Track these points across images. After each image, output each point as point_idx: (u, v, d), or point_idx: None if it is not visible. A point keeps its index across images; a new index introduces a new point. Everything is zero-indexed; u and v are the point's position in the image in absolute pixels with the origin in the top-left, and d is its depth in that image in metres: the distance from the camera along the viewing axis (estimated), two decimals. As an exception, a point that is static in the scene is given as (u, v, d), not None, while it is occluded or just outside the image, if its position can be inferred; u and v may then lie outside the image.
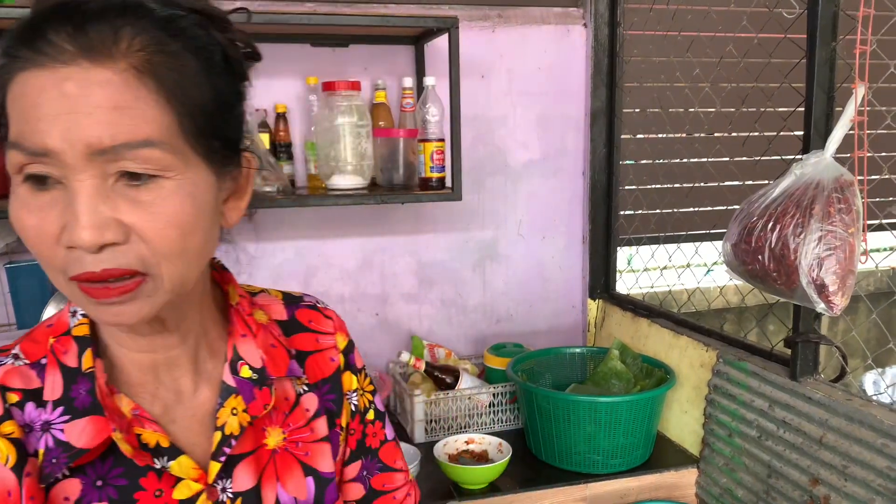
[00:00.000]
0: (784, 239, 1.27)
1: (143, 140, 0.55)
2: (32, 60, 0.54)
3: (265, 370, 0.71)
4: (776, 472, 1.47)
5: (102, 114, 0.53)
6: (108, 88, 0.53)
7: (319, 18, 1.66)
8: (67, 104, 0.53)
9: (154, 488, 0.64)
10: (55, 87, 0.53)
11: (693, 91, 1.85)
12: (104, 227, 0.54)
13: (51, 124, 0.53)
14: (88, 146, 0.53)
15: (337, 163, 1.78)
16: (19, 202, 0.56)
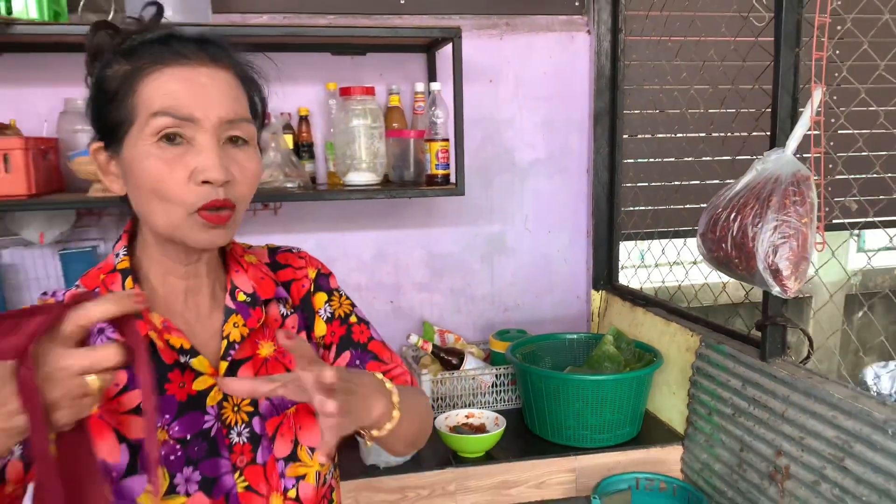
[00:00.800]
0: (744, 228, 1.40)
1: (245, 117, 0.83)
2: (171, 61, 0.79)
3: (256, 294, 0.93)
4: (747, 446, 1.59)
5: (226, 98, 0.81)
6: (227, 83, 0.82)
7: (337, 30, 1.85)
8: (204, 90, 0.79)
9: (178, 381, 0.85)
10: (193, 78, 0.79)
11: (681, 93, 1.98)
12: (226, 169, 0.80)
13: (193, 101, 0.79)
14: (220, 118, 0.80)
15: (352, 161, 1.96)
16: (155, 158, 0.78)
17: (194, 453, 0.85)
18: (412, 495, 1.69)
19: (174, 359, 0.85)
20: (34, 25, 1.67)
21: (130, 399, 0.83)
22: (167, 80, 0.79)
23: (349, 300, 1.04)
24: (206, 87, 0.80)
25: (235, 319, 0.90)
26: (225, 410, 0.88)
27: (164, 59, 0.79)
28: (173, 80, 0.79)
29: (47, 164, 1.83)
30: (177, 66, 0.79)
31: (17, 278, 2.01)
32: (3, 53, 1.92)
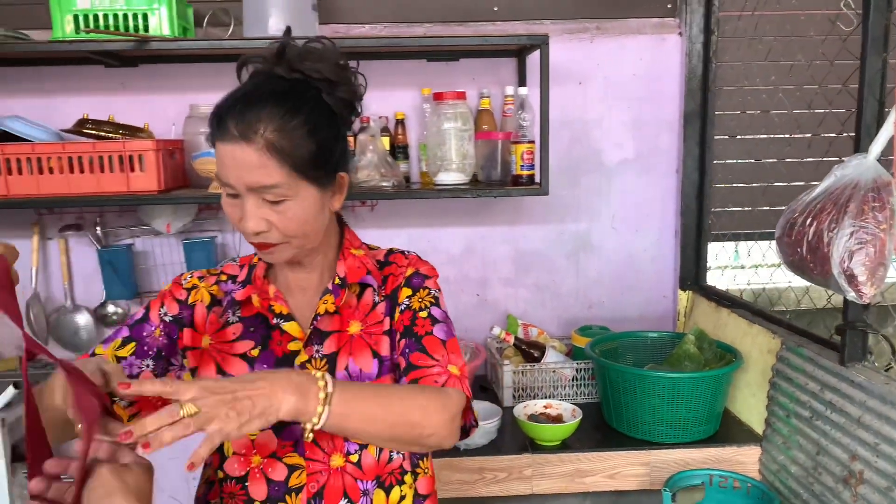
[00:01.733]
0: (819, 233, 1.41)
1: (272, 185, 0.98)
2: (221, 137, 0.98)
3: (345, 279, 1.13)
4: (823, 449, 1.59)
5: (251, 170, 0.97)
6: (253, 156, 0.96)
7: (431, 40, 1.97)
8: (236, 163, 0.97)
9: (277, 339, 1.11)
10: (228, 153, 0.97)
11: (769, 94, 1.97)
12: (258, 224, 1.00)
13: (229, 173, 0.98)
14: (246, 185, 0.98)
15: (443, 162, 2.08)
16: (226, 201, 1.02)
17: None
18: (489, 476, 1.80)
19: (275, 322, 1.10)
20: (166, 41, 1.89)
21: (237, 347, 1.11)
22: (217, 153, 1.00)
23: (433, 298, 1.14)
24: (235, 160, 0.97)
25: (327, 298, 1.11)
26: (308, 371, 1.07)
27: (215, 132, 0.99)
28: (219, 153, 0.99)
29: (174, 163, 2.06)
30: (221, 142, 0.98)
31: (147, 263, 2.27)
32: (139, 65, 2.17)
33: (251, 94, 0.99)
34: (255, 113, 0.96)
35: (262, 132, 0.96)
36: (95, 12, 1.89)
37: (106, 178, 1.91)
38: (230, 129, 0.96)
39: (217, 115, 0.99)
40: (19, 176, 1.90)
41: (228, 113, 0.97)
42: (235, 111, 0.97)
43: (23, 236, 2.23)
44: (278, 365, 1.08)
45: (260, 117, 0.96)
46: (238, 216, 1.01)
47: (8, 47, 1.87)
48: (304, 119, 0.99)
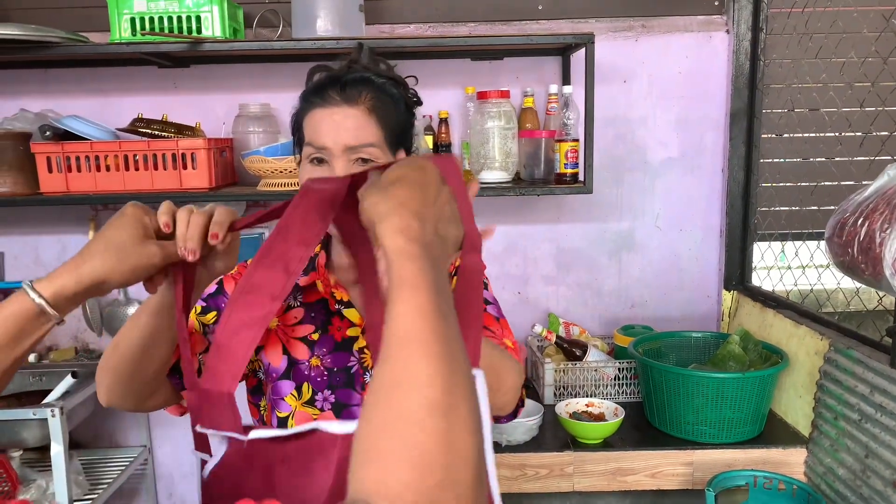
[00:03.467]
0: (871, 233, 1.39)
1: (369, 143, 1.04)
2: (318, 105, 1.05)
3: None
4: (872, 452, 1.57)
5: (351, 129, 1.03)
6: (355, 118, 1.04)
7: (475, 40, 1.98)
8: (335, 125, 1.03)
9: (338, 325, 1.14)
10: (329, 116, 1.04)
11: (819, 93, 1.94)
12: None
13: (327, 135, 1.03)
14: (345, 145, 1.03)
15: (486, 160, 2.10)
16: (305, 171, 1.06)
17: (336, 382, 1.11)
18: (531, 473, 1.81)
19: (336, 308, 1.14)
20: (218, 42, 1.95)
21: (299, 331, 1.13)
22: (313, 119, 1.05)
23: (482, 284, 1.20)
24: (339, 122, 1.04)
25: None
26: (365, 356, 1.12)
27: (314, 103, 1.05)
28: (315, 119, 1.05)
29: (224, 161, 2.12)
30: (320, 108, 1.05)
31: (197, 259, 2.33)
32: (191, 66, 2.23)
33: (346, 73, 1.07)
34: (356, 83, 1.05)
35: (363, 97, 1.05)
36: (151, 15, 1.95)
37: (159, 176, 1.97)
38: (332, 96, 1.04)
39: (315, 88, 1.06)
40: (78, 173, 1.98)
41: (329, 85, 1.05)
42: (337, 84, 1.05)
43: (79, 231, 2.32)
44: (336, 350, 1.13)
45: (362, 87, 1.05)
46: None
47: (69, 49, 1.94)
48: (395, 96, 1.09)
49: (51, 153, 1.97)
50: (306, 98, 1.08)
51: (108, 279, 0.79)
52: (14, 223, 2.33)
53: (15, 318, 0.76)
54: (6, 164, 2.00)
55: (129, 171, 1.97)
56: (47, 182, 1.99)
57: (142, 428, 2.42)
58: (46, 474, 1.98)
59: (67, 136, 2.00)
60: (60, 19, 2.14)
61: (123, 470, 2.26)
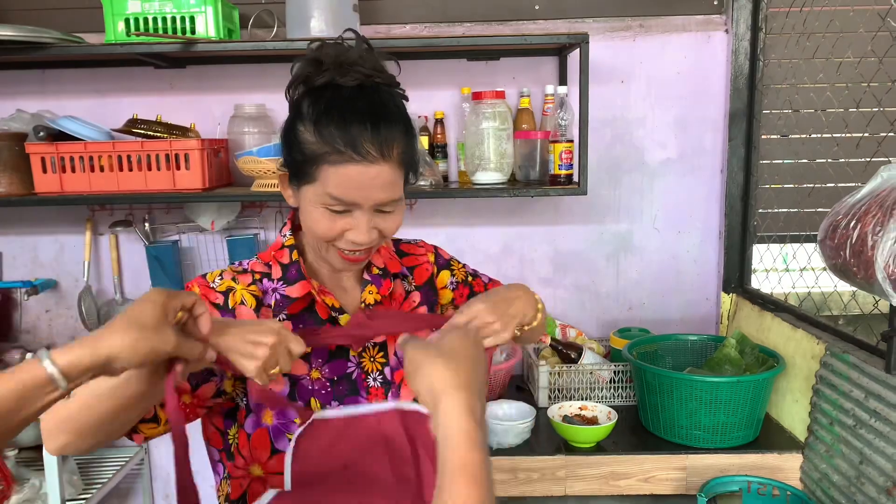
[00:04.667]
0: (863, 236, 1.37)
1: (396, 198, 1.02)
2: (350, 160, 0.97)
3: (386, 269, 1.16)
4: (867, 458, 1.54)
5: (384, 187, 1.00)
6: (389, 174, 0.99)
7: (471, 40, 1.97)
8: (370, 183, 0.98)
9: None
10: (365, 174, 0.98)
11: (817, 93, 1.92)
12: (370, 236, 1.02)
13: (358, 192, 0.99)
14: (376, 202, 1.00)
15: (481, 161, 2.08)
16: (321, 216, 1.01)
17: (340, 391, 1.07)
18: (523, 476, 1.79)
19: (328, 315, 1.09)
20: (212, 43, 1.94)
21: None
22: (343, 175, 0.98)
23: (461, 264, 1.30)
24: (372, 181, 0.98)
25: (370, 288, 1.14)
26: (363, 360, 1.10)
27: (347, 154, 0.97)
28: (347, 176, 0.98)
29: (219, 162, 2.12)
30: (353, 164, 0.97)
31: (191, 259, 2.34)
32: (187, 66, 2.23)
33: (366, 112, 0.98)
34: (387, 132, 0.98)
35: (395, 150, 0.99)
36: (146, 16, 1.95)
37: (153, 177, 1.97)
38: (369, 151, 0.97)
39: (345, 139, 0.97)
40: (73, 174, 1.98)
41: (361, 135, 0.97)
42: (368, 133, 0.97)
43: (76, 232, 2.32)
44: (332, 358, 1.08)
45: (392, 136, 0.99)
46: (338, 230, 1.01)
47: (65, 50, 1.95)
48: (411, 128, 1.04)
49: (45, 153, 1.97)
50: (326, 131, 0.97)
51: (122, 357, 0.79)
52: (12, 223, 2.34)
53: (24, 384, 0.76)
54: (1, 164, 2.00)
55: (123, 171, 1.97)
56: (42, 182, 1.99)
57: (138, 428, 2.41)
58: (41, 473, 1.98)
59: (62, 136, 2.01)
60: (57, 20, 2.14)
61: (119, 470, 2.26)
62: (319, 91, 1.00)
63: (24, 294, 2.28)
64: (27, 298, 2.32)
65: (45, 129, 2.00)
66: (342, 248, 1.04)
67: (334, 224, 1.01)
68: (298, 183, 1.03)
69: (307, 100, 1.01)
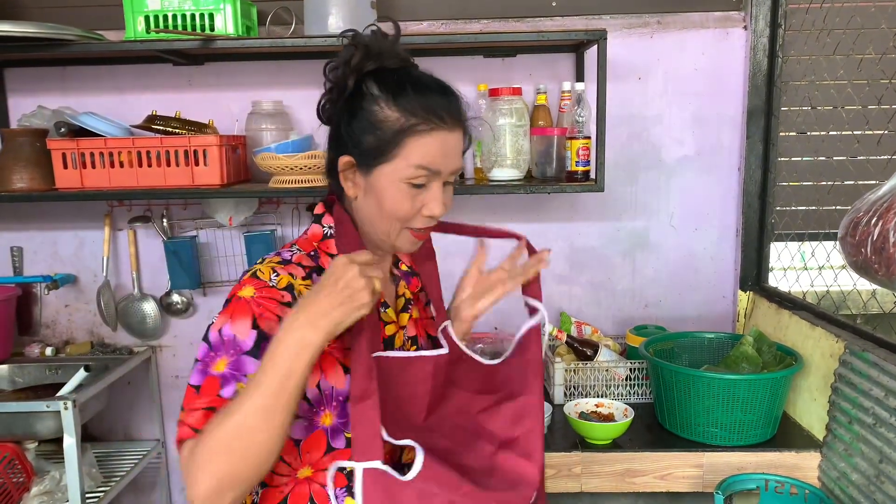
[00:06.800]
0: (885, 233, 1.36)
1: (462, 167, 1.09)
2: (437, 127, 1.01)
3: (411, 268, 1.24)
4: (886, 457, 1.53)
5: (459, 154, 1.06)
6: (461, 142, 1.07)
7: (487, 37, 1.97)
8: (451, 151, 1.04)
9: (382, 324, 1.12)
10: (447, 141, 1.03)
11: (837, 90, 1.90)
12: (445, 207, 1.07)
13: (446, 160, 1.03)
14: (454, 170, 1.06)
15: (497, 157, 2.08)
16: (401, 193, 1.03)
17: None
18: (538, 473, 1.79)
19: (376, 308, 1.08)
20: (231, 40, 1.96)
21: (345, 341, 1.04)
22: (431, 143, 1.01)
23: None
24: (453, 147, 1.04)
25: (403, 283, 1.21)
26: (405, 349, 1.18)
27: (433, 122, 1.01)
28: (435, 143, 1.02)
29: (236, 158, 2.13)
30: (439, 130, 1.02)
31: (209, 254, 2.36)
32: (206, 63, 2.25)
33: (434, 84, 1.05)
34: (455, 100, 1.05)
35: (464, 117, 1.07)
36: (165, 13, 1.97)
37: (172, 172, 1.99)
38: (450, 117, 1.02)
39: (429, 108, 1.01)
40: (93, 169, 2.00)
41: (440, 104, 1.02)
42: (445, 101, 1.03)
43: (95, 227, 2.35)
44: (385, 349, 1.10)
45: (460, 104, 1.06)
46: (417, 206, 1.04)
47: (85, 47, 1.97)
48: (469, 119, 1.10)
49: (66, 149, 1.99)
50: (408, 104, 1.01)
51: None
52: (33, 218, 2.37)
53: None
54: (23, 160, 2.03)
55: (143, 167, 1.99)
56: (62, 178, 2.01)
57: (155, 422, 2.44)
58: (61, 466, 2.01)
59: (83, 132, 2.03)
60: (77, 18, 2.16)
61: (137, 463, 2.28)
62: (380, 73, 1.03)
63: (45, 289, 2.31)
64: (47, 293, 2.35)
65: (65, 126, 2.02)
66: (414, 227, 1.06)
67: (414, 201, 1.03)
68: (370, 166, 1.03)
69: (371, 81, 1.03)
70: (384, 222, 1.05)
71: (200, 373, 0.94)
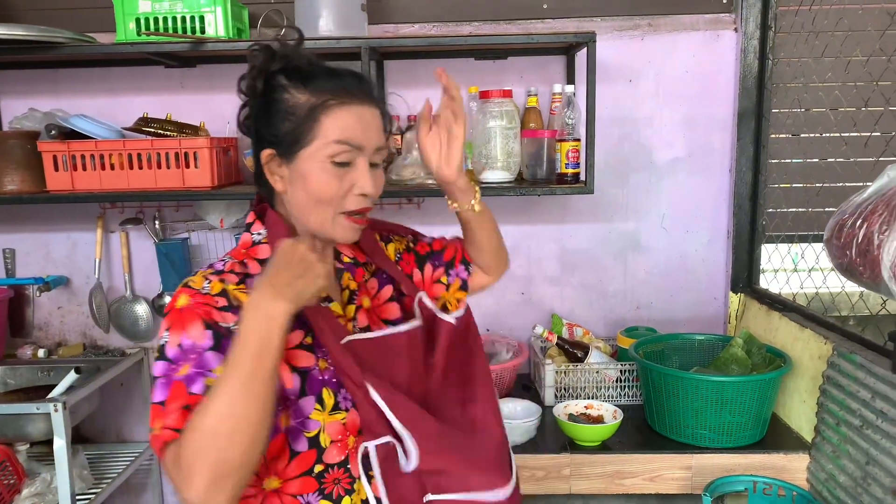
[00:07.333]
0: (869, 235, 1.36)
1: (385, 145, 1.08)
2: (347, 100, 1.02)
3: (356, 258, 1.20)
4: (873, 459, 1.53)
5: (379, 130, 1.06)
6: (378, 118, 1.07)
7: (477, 39, 1.97)
8: (369, 124, 1.04)
9: None
10: (363, 114, 1.03)
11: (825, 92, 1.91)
12: (375, 185, 1.05)
13: (365, 134, 1.03)
14: (376, 145, 1.05)
15: (488, 160, 2.09)
16: (326, 174, 1.02)
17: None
18: (527, 475, 1.80)
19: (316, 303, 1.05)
20: (221, 42, 1.96)
21: (292, 340, 1.04)
22: (346, 116, 1.02)
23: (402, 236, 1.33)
24: (370, 121, 1.04)
25: (347, 275, 1.17)
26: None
27: (342, 96, 1.02)
28: (351, 117, 1.02)
29: (227, 160, 2.14)
30: (352, 104, 1.02)
31: (201, 256, 2.36)
32: (197, 66, 2.25)
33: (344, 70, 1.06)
34: (366, 82, 1.07)
35: (378, 96, 1.08)
36: (156, 15, 1.97)
37: (162, 175, 1.99)
38: (362, 92, 1.04)
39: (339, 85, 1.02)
40: (84, 172, 2.00)
41: (350, 81, 1.04)
42: (355, 80, 1.05)
43: (88, 229, 2.35)
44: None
45: (371, 85, 1.08)
46: (346, 186, 1.03)
47: (76, 49, 1.97)
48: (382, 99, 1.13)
49: (57, 152, 2.00)
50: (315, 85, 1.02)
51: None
52: (25, 220, 2.37)
53: None
54: (14, 162, 2.03)
55: (134, 169, 1.99)
56: (53, 180, 2.01)
57: (147, 424, 2.44)
58: (52, 468, 2.01)
59: (74, 135, 2.03)
60: (69, 20, 2.17)
61: (129, 464, 2.29)
62: (287, 69, 1.05)
63: (37, 291, 2.31)
64: (39, 295, 2.35)
65: (56, 128, 2.02)
66: (349, 211, 1.04)
67: (342, 181, 1.03)
68: (292, 153, 1.03)
69: (280, 75, 1.04)
70: (316, 210, 1.03)
71: (163, 386, 0.92)
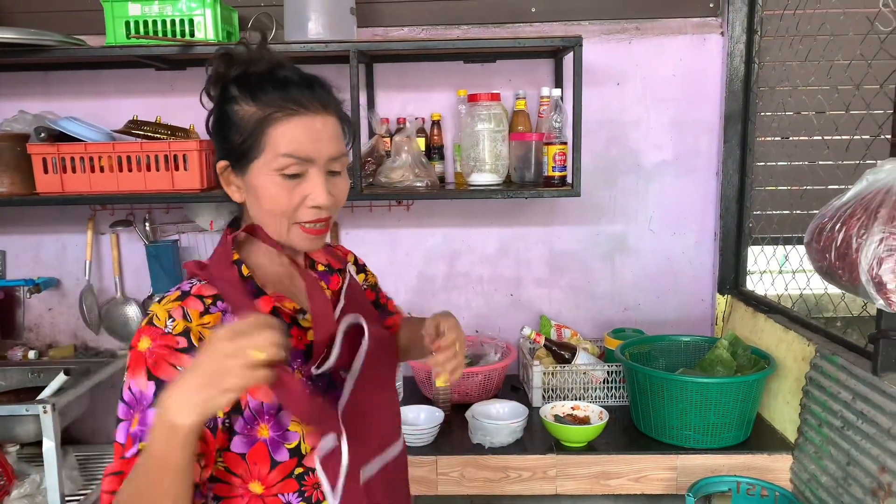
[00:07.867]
0: (848, 239, 1.38)
1: (343, 152, 1.05)
2: (294, 112, 0.99)
3: (331, 266, 1.18)
4: (853, 460, 1.55)
5: (333, 140, 1.02)
6: (333, 126, 1.02)
7: (466, 43, 1.99)
8: (320, 135, 1.00)
9: (297, 335, 1.06)
10: (312, 125, 1.00)
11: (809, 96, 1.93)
12: (328, 197, 1.01)
13: (312, 145, 1.00)
14: (329, 156, 1.01)
15: (476, 162, 2.10)
16: (277, 186, 1.00)
17: (319, 388, 1.06)
18: (514, 475, 1.81)
19: (291, 318, 1.06)
20: (211, 45, 1.97)
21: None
22: (292, 129, 0.99)
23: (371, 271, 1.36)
24: (321, 132, 1.00)
25: (322, 283, 1.13)
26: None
27: (289, 108, 0.99)
28: (297, 129, 0.99)
29: (217, 163, 2.14)
30: (299, 116, 0.99)
31: (191, 258, 2.33)
32: (187, 68, 2.26)
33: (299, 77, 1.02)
34: (321, 89, 1.03)
35: (333, 103, 1.04)
36: (146, 18, 1.98)
37: (152, 177, 2.00)
38: (311, 102, 1.00)
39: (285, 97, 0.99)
40: (73, 174, 2.01)
41: (299, 91, 1.00)
42: (305, 89, 1.01)
43: (78, 231, 2.36)
44: (307, 358, 1.05)
45: (326, 91, 1.04)
46: (297, 198, 1.00)
47: (67, 52, 1.98)
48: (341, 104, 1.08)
49: (46, 154, 2.00)
50: (263, 97, 0.99)
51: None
52: (15, 223, 2.38)
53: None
54: (4, 164, 2.04)
55: (123, 171, 2.00)
56: (43, 182, 2.02)
57: (138, 425, 2.45)
58: (42, 469, 2.01)
59: (64, 137, 2.04)
60: (59, 23, 2.17)
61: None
62: (241, 76, 1.02)
63: (27, 292, 2.32)
64: (30, 297, 2.36)
65: (46, 130, 2.03)
66: (303, 222, 1.02)
67: (292, 193, 1.00)
68: (243, 166, 1.01)
69: (233, 86, 1.02)
70: (271, 220, 1.03)
71: (123, 430, 0.94)
